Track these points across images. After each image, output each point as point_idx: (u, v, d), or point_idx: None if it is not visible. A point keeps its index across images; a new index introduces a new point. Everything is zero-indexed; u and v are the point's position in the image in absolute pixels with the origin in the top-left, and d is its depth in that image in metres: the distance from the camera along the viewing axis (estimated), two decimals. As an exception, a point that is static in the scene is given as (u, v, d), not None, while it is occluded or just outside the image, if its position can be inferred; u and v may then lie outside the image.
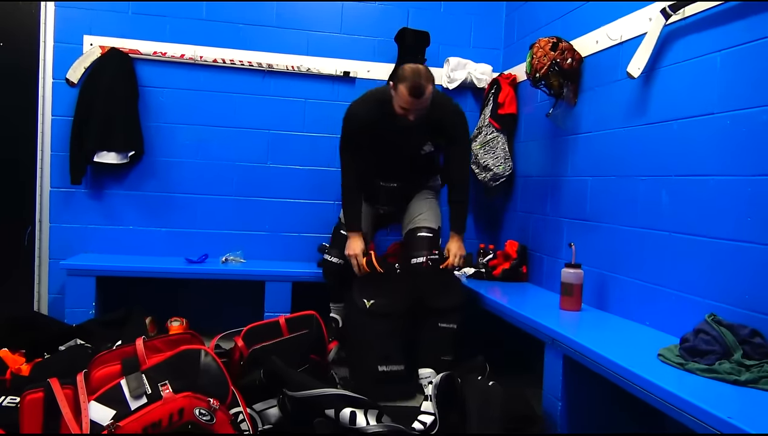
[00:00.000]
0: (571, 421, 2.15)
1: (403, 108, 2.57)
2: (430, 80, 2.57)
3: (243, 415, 1.93)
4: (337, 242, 2.95)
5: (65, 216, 3.38)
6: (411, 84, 2.51)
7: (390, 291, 2.72)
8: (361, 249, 2.80)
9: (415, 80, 2.51)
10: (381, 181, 2.95)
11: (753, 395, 1.58)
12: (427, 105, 2.60)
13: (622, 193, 2.50)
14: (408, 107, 2.56)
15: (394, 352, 2.66)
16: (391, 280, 2.76)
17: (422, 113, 2.61)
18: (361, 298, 2.70)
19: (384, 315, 2.67)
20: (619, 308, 2.49)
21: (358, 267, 2.78)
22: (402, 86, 2.53)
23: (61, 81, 3.32)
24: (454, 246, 2.86)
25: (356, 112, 2.80)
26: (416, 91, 2.52)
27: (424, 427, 1.98)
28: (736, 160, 1.93)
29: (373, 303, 2.67)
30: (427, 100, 2.58)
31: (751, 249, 1.85)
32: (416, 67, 2.58)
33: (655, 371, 1.75)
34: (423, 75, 2.55)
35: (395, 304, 2.69)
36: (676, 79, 2.22)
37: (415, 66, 2.58)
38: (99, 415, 1.67)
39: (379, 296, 2.69)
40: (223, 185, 3.55)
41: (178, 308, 3.34)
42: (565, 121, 2.94)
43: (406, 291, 2.73)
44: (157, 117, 3.46)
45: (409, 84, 2.51)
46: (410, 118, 2.59)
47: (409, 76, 2.53)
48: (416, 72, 2.54)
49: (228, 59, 3.48)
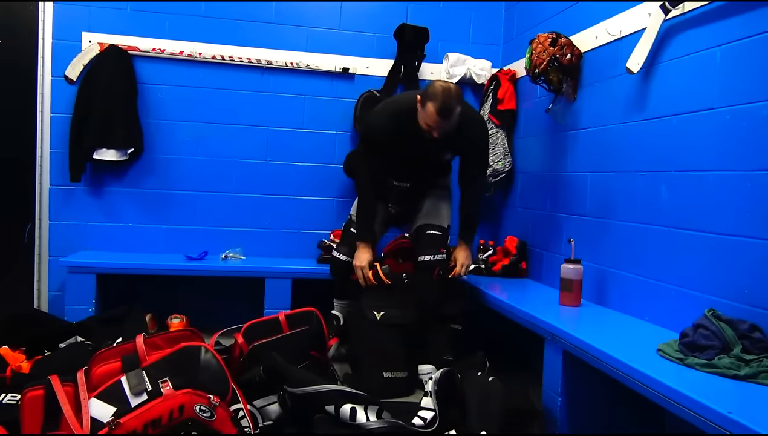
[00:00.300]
0: (570, 416, 2.15)
1: (429, 125, 2.52)
2: (460, 101, 2.52)
3: (243, 411, 1.93)
4: (347, 239, 2.93)
5: (65, 213, 3.38)
6: (441, 105, 2.45)
7: (399, 302, 2.72)
8: (368, 261, 2.78)
9: (445, 101, 2.45)
10: (395, 181, 2.92)
11: (752, 389, 1.58)
12: (454, 124, 2.54)
13: (622, 188, 2.50)
14: (435, 126, 2.50)
15: (400, 359, 2.68)
16: (399, 290, 2.76)
17: (448, 131, 2.55)
18: (371, 310, 2.71)
19: (394, 326, 2.68)
20: (619, 303, 2.49)
21: (364, 279, 2.76)
22: (431, 105, 2.46)
23: (60, 78, 3.31)
24: (461, 255, 2.84)
25: (378, 124, 2.74)
26: (446, 113, 2.46)
27: (424, 423, 1.98)
28: (736, 156, 1.93)
29: (383, 315, 2.68)
30: (455, 120, 2.52)
31: (750, 244, 1.85)
32: (447, 86, 2.50)
33: (654, 366, 1.75)
34: (454, 96, 2.49)
35: (405, 315, 2.70)
36: (676, 74, 2.22)
37: (446, 84, 2.51)
38: (99, 412, 1.68)
39: (388, 307, 2.70)
40: (222, 182, 3.55)
41: (178, 305, 3.34)
42: (565, 116, 2.93)
43: (415, 301, 2.73)
44: (156, 114, 3.45)
45: (439, 104, 2.45)
46: (434, 135, 2.54)
47: (440, 95, 2.45)
48: (447, 92, 2.47)
49: (227, 56, 3.47)
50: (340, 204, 3.68)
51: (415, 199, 2.98)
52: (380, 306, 2.70)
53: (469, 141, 2.77)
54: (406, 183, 2.92)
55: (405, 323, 2.69)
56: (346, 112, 3.63)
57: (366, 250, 2.80)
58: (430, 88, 2.50)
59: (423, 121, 2.53)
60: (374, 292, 2.75)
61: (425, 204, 2.94)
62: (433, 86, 2.51)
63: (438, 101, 2.45)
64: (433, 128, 2.51)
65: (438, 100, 2.45)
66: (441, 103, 2.45)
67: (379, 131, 2.72)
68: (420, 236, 2.86)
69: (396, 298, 2.72)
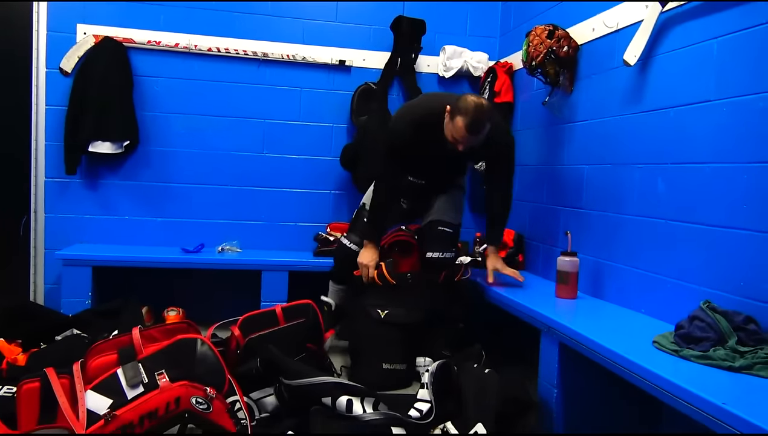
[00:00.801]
0: (566, 408, 2.16)
1: (455, 139, 2.48)
2: (490, 118, 2.48)
3: (240, 403, 1.93)
4: (358, 227, 2.91)
5: (60, 206, 3.37)
6: (471, 121, 2.40)
7: (403, 302, 2.72)
8: (374, 261, 2.77)
9: (476, 118, 2.41)
10: (410, 177, 2.89)
11: (747, 381, 1.58)
12: (481, 140, 2.51)
13: (619, 181, 2.50)
14: (461, 141, 2.47)
15: (399, 353, 2.69)
16: (403, 290, 2.75)
17: (474, 145, 2.52)
18: (375, 309, 2.70)
19: (396, 324, 2.68)
20: (615, 295, 2.49)
21: (368, 278, 2.76)
22: (461, 119, 2.41)
23: (54, 70, 3.30)
24: (491, 263, 2.83)
25: (402, 129, 2.69)
26: (475, 130, 2.42)
27: (420, 414, 1.99)
28: (733, 148, 1.93)
29: (387, 314, 2.68)
30: (483, 137, 2.49)
31: (746, 236, 1.85)
32: (480, 102, 2.45)
33: (650, 357, 1.76)
34: (485, 113, 2.44)
35: (410, 314, 2.70)
36: (673, 66, 2.22)
37: (478, 100, 2.45)
38: (96, 404, 1.68)
39: (392, 306, 2.70)
40: (218, 175, 3.54)
41: (175, 297, 3.34)
42: (562, 109, 2.93)
43: (419, 302, 2.72)
44: (152, 106, 3.44)
45: (469, 121, 2.40)
46: (459, 148, 2.50)
47: (471, 112, 2.40)
48: (479, 109, 2.42)
49: (223, 48, 3.46)
50: (336, 197, 3.68)
51: (428, 196, 2.94)
52: (384, 305, 2.70)
53: (495, 155, 2.76)
54: (422, 180, 2.89)
55: (409, 322, 2.69)
56: (342, 104, 3.62)
57: (373, 250, 2.79)
58: (462, 103, 2.44)
59: (450, 133, 2.49)
60: (378, 291, 2.75)
61: (438, 200, 2.91)
62: (465, 101, 2.44)
63: (468, 117, 2.40)
64: (458, 142, 2.48)
65: (469, 116, 2.40)
66: (471, 119, 2.40)
67: (402, 137, 2.69)
68: (430, 231, 2.85)
69: (400, 298, 2.72)
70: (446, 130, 2.52)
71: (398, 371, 2.68)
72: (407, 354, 2.72)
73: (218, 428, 1.80)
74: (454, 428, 1.89)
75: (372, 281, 2.74)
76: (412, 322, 2.70)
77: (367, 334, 2.72)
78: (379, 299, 2.73)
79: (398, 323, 2.68)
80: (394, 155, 2.76)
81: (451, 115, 2.47)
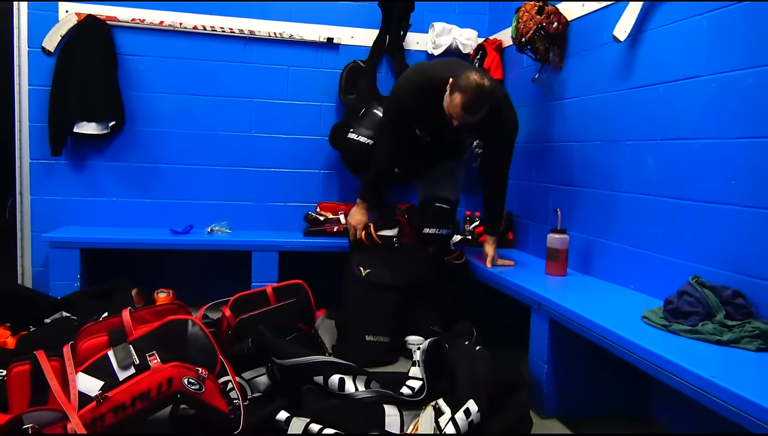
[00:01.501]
0: (557, 383, 2.19)
1: (450, 114, 2.45)
2: (489, 102, 2.44)
3: (232, 384, 1.93)
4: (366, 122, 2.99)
5: (46, 188, 3.33)
6: (468, 101, 2.37)
7: (386, 264, 2.70)
8: (362, 223, 2.79)
9: (472, 99, 2.37)
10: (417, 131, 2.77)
11: (735, 354, 1.61)
12: (477, 121, 2.47)
13: (608, 158, 2.50)
14: (456, 118, 2.44)
15: (383, 323, 2.67)
16: (389, 253, 2.74)
17: (469, 124, 2.49)
18: (358, 266, 2.69)
19: (377, 286, 2.67)
20: (605, 272, 2.51)
21: (355, 237, 2.75)
22: (458, 96, 2.38)
23: (36, 49, 3.23)
24: (490, 249, 2.82)
25: (404, 98, 2.66)
26: (470, 109, 2.39)
27: (412, 392, 2.00)
28: (722, 123, 1.93)
29: (369, 273, 2.67)
30: (479, 118, 2.45)
31: (734, 212, 1.86)
32: (482, 84, 2.38)
33: (639, 332, 1.77)
34: (484, 95, 2.40)
35: (391, 277, 2.68)
36: (663, 42, 2.21)
37: (482, 80, 2.39)
38: (87, 386, 1.67)
39: (375, 266, 2.69)
40: (206, 155, 3.51)
41: (165, 279, 3.32)
42: (551, 86, 2.92)
43: (403, 267, 2.71)
44: (137, 86, 3.39)
45: (465, 99, 2.36)
46: (454, 123, 2.47)
47: (469, 90, 2.36)
48: (479, 89, 2.37)
49: (209, 26, 3.40)
50: (326, 176, 3.66)
51: (430, 158, 2.90)
52: (368, 264, 2.69)
53: (493, 135, 2.71)
54: (428, 137, 2.78)
55: (390, 284, 2.66)
56: (331, 83, 3.58)
57: (364, 211, 2.80)
58: (463, 80, 2.39)
59: (447, 107, 2.47)
60: (365, 250, 2.75)
61: (436, 171, 2.88)
62: (468, 78, 2.38)
63: (466, 96, 2.37)
64: (453, 118, 2.45)
65: (467, 95, 2.36)
66: (468, 99, 2.37)
67: (403, 105, 2.67)
68: (428, 208, 2.84)
69: (384, 260, 2.71)
70: (444, 103, 2.49)
71: (381, 344, 2.64)
72: (392, 326, 2.69)
73: (211, 408, 1.81)
74: (446, 405, 1.90)
75: (359, 241, 2.74)
76: (394, 285, 2.67)
77: (350, 296, 2.70)
78: (363, 257, 2.73)
79: (380, 285, 2.66)
80: (397, 120, 2.72)
81: (451, 90, 2.43)
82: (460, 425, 1.79)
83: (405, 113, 2.69)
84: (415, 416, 1.93)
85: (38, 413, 1.57)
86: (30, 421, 1.53)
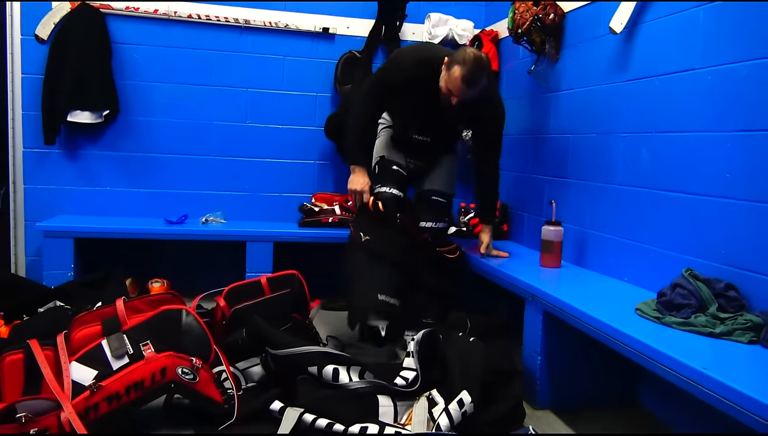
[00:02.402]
0: (550, 375, 2.20)
1: (449, 90, 2.43)
2: (488, 73, 2.43)
3: (226, 374, 1.94)
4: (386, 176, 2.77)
5: (40, 177, 3.31)
6: (468, 72, 2.34)
7: (386, 236, 2.65)
8: (367, 184, 2.71)
9: (473, 70, 2.34)
10: (415, 135, 2.77)
11: (727, 346, 1.62)
12: (475, 96, 2.46)
13: (603, 150, 2.51)
14: (455, 92, 2.41)
15: (388, 285, 2.56)
16: (389, 227, 2.70)
17: (467, 100, 2.46)
18: (358, 231, 2.66)
19: (374, 254, 2.62)
20: (599, 264, 2.52)
21: (362, 202, 2.70)
22: (458, 69, 2.35)
23: (30, 37, 3.21)
24: (486, 237, 2.83)
25: (405, 66, 2.60)
26: (471, 81, 2.36)
27: (406, 382, 2.00)
28: (717, 116, 1.93)
29: (368, 239, 2.63)
30: (477, 92, 2.44)
31: (728, 205, 1.87)
32: (480, 55, 2.39)
33: (632, 324, 1.78)
34: (484, 66, 2.39)
35: (390, 248, 2.62)
36: (659, 34, 2.21)
37: (478, 53, 2.39)
38: (81, 375, 1.67)
39: (374, 234, 2.64)
40: (201, 145, 3.49)
41: (159, 269, 3.32)
42: (547, 77, 2.91)
43: (400, 243, 2.67)
44: (131, 75, 3.37)
45: (466, 71, 2.34)
46: (453, 101, 2.45)
47: (469, 61, 2.34)
48: (478, 61, 2.36)
49: (203, 15, 3.38)
50: (321, 167, 3.66)
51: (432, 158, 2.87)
52: (368, 231, 2.64)
53: (486, 122, 2.70)
54: (427, 137, 2.77)
55: (387, 255, 2.60)
56: (326, 73, 3.57)
57: (363, 173, 2.73)
58: (460, 53, 2.39)
59: (444, 84, 2.44)
60: (367, 218, 2.68)
61: (434, 167, 2.86)
62: (464, 51, 2.39)
63: (466, 67, 2.34)
64: (453, 94, 2.43)
65: (466, 66, 2.34)
66: (468, 70, 2.34)
67: (402, 74, 2.61)
68: (424, 200, 2.82)
69: (384, 232, 2.64)
70: (441, 82, 2.47)
71: (392, 306, 2.53)
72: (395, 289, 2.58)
73: (205, 398, 1.81)
74: (440, 395, 1.91)
75: (366, 205, 2.68)
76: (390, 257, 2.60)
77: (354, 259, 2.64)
78: (366, 226, 2.66)
79: (377, 253, 2.60)
80: (386, 86, 2.68)
81: (449, 66, 2.42)
82: (453, 416, 1.80)
83: (399, 79, 2.62)
84: (409, 406, 1.93)
85: (32, 402, 1.57)
86: (23, 410, 1.53)
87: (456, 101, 2.45)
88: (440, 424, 1.78)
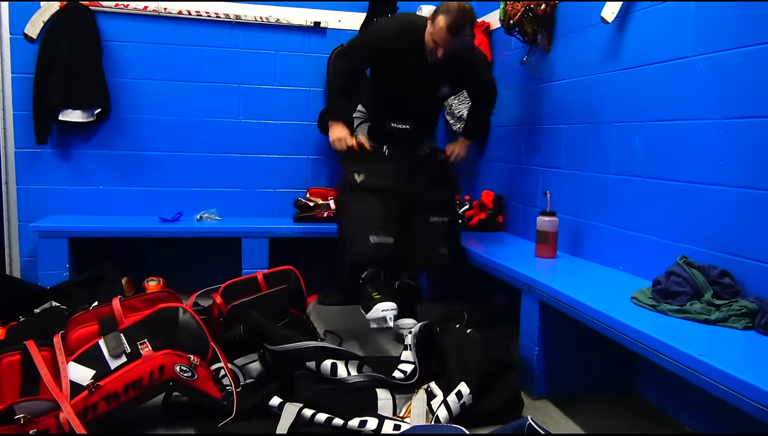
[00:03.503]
0: (547, 365, 2.20)
1: (435, 42, 2.44)
2: (472, 22, 2.44)
3: (224, 370, 1.94)
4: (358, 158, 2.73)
5: (32, 177, 3.30)
6: (453, 21, 2.36)
7: (380, 170, 2.64)
8: (347, 133, 2.71)
9: (458, 18, 2.36)
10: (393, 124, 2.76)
11: (722, 333, 1.62)
12: (461, 46, 2.47)
13: (597, 140, 2.51)
14: (441, 43, 2.42)
15: (384, 224, 2.58)
16: (380, 160, 2.68)
17: (452, 53, 2.48)
18: (351, 173, 2.64)
19: (373, 191, 2.61)
20: (594, 254, 2.52)
21: (347, 145, 2.69)
22: (443, 18, 2.38)
23: (19, 36, 3.19)
24: (458, 146, 2.85)
25: (385, 29, 2.65)
26: (456, 30, 2.37)
27: (404, 375, 2.01)
28: (709, 104, 1.94)
29: (363, 179, 2.63)
30: (462, 42, 2.45)
31: (722, 192, 1.88)
32: (463, 5, 2.40)
33: (628, 313, 1.79)
34: (468, 15, 2.40)
35: (385, 181, 2.62)
36: (651, 22, 2.21)
37: (462, 3, 2.41)
38: (78, 375, 1.67)
39: (368, 172, 2.63)
40: (194, 142, 3.49)
41: (155, 267, 3.31)
42: (540, 68, 2.91)
43: (395, 172, 2.66)
44: (123, 72, 3.35)
45: (450, 20, 2.36)
46: (439, 54, 2.46)
47: (453, 11, 2.37)
48: (462, 9, 2.38)
49: (194, 11, 3.36)
50: (315, 162, 3.65)
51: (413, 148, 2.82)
52: (361, 170, 2.65)
53: (473, 70, 2.73)
54: (406, 124, 2.76)
55: (384, 189, 2.61)
56: (318, 67, 3.56)
57: (342, 125, 2.74)
58: (444, 5, 2.41)
59: (430, 38, 2.46)
60: (357, 158, 2.69)
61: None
62: (448, 3, 2.41)
63: (450, 17, 2.37)
64: (439, 46, 2.44)
65: (451, 15, 2.37)
66: (453, 19, 2.36)
67: (382, 36, 2.62)
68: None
69: (377, 167, 2.65)
70: (427, 36, 2.48)
71: (386, 245, 2.55)
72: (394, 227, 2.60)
73: (203, 395, 1.81)
74: (438, 388, 1.92)
75: (350, 147, 2.68)
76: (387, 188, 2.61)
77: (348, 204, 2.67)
78: (356, 165, 2.67)
79: (374, 189, 2.61)
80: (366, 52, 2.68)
81: (433, 18, 2.43)
82: (452, 408, 1.81)
83: (381, 48, 2.62)
84: (408, 399, 1.94)
85: (30, 403, 1.57)
86: (22, 411, 1.53)
87: (442, 54, 2.45)
88: (439, 416, 1.79)
